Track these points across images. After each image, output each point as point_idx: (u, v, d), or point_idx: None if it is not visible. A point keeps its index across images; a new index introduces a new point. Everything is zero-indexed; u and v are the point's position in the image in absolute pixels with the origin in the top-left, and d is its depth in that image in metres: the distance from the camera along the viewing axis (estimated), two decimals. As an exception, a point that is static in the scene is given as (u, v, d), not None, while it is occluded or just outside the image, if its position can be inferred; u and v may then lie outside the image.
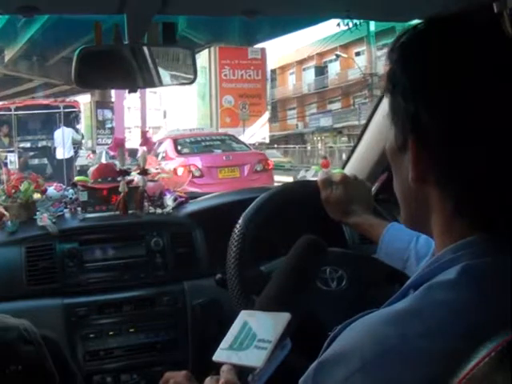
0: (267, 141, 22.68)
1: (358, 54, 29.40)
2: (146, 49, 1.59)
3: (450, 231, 0.74)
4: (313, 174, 3.61)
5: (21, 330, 1.48)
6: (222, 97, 21.31)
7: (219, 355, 0.99)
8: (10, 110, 15.92)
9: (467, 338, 0.64)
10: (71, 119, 16.07)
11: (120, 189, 2.10)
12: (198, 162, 10.04)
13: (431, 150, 0.72)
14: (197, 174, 9.71)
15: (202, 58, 20.31)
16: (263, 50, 21.92)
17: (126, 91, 1.73)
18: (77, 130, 15.97)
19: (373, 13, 1.67)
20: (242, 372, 0.95)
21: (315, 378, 0.70)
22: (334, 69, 31.27)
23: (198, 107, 22.42)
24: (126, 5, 1.39)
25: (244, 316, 1.04)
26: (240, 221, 1.57)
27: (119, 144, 2.17)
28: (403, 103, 0.74)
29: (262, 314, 1.05)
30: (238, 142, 12.04)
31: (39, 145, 16.40)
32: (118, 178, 2.14)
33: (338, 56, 28.19)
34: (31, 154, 16.00)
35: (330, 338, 0.75)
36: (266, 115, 22.20)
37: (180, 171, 9.46)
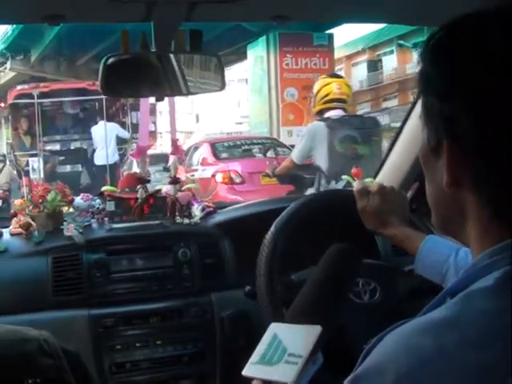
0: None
1: (415, 45, 27.16)
2: (172, 56, 1.57)
3: (488, 237, 0.71)
4: (344, 185, 3.53)
5: (41, 341, 1.46)
6: (284, 89, 17.59)
7: (249, 370, 0.96)
8: (32, 98, 11.90)
9: (499, 358, 0.61)
10: (116, 110, 12.64)
11: (138, 195, 2.08)
12: (238, 167, 9.38)
13: (467, 154, 0.69)
14: (237, 180, 9.16)
15: (259, 47, 17.44)
16: (331, 36, 18.18)
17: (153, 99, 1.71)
18: (124, 126, 12.03)
19: (404, 17, 1.63)
20: None
21: None
22: (389, 63, 28.03)
23: (252, 104, 18.71)
24: (152, 13, 1.38)
25: (274, 329, 1.01)
26: (271, 229, 1.55)
27: (142, 152, 2.15)
28: (438, 104, 0.71)
29: (292, 326, 1.02)
30: (281, 145, 11.15)
31: (71, 146, 13.06)
32: (138, 186, 2.13)
33: (400, 45, 26.06)
34: (61, 158, 12.80)
35: (365, 351, 0.72)
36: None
37: (219, 177, 9.09)
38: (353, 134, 4.55)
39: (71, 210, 2.10)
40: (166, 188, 2.15)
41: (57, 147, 13.05)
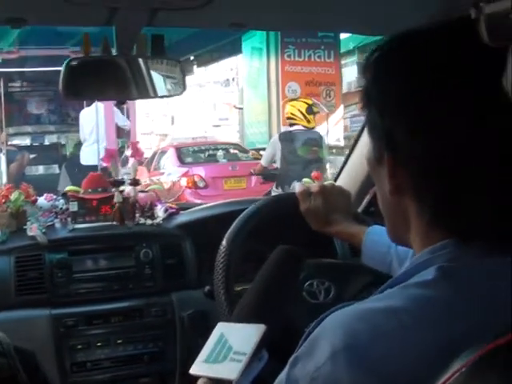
0: (342, 143, 15.80)
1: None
2: (136, 61, 1.59)
3: (429, 240, 0.74)
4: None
5: None
6: (285, 84, 15.29)
7: (196, 368, 0.98)
8: None
9: (441, 344, 0.65)
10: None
11: (115, 199, 2.09)
12: (202, 172, 9.45)
13: (406, 165, 0.73)
14: (201, 184, 9.17)
15: (257, 37, 15.16)
16: (337, 26, 16.01)
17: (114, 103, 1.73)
18: (122, 111, 8.37)
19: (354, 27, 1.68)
20: None
21: (290, 373, 0.71)
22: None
23: (247, 101, 16.45)
24: (114, 17, 1.39)
25: (221, 328, 1.03)
26: (223, 242, 1.57)
27: (111, 155, 2.17)
28: (378, 119, 0.75)
29: (238, 325, 1.04)
30: (244, 150, 11.40)
31: (46, 141, 10.21)
32: (113, 189, 2.14)
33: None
34: (31, 156, 9.61)
35: (305, 333, 0.76)
36: (341, 110, 15.61)
37: (183, 181, 9.09)
38: (313, 139, 5.98)
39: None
40: (127, 189, 2.16)
41: (26, 141, 10.11)
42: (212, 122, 24.27)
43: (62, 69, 1.45)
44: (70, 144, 10.22)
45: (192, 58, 16.41)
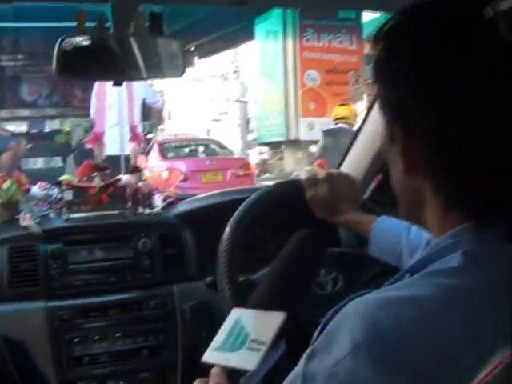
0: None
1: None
2: (133, 40, 1.53)
3: (446, 221, 0.72)
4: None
5: None
6: (304, 72, 13.85)
7: (209, 356, 0.92)
8: None
9: (470, 336, 0.62)
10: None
11: (95, 183, 2.03)
12: (182, 166, 9.85)
13: (418, 138, 0.70)
14: (181, 177, 9.85)
15: (272, 20, 14.00)
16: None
17: (109, 84, 1.66)
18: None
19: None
20: (232, 374, 0.89)
21: (306, 368, 0.66)
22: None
23: (261, 90, 15.10)
24: (111, -7, 1.33)
25: (236, 314, 0.98)
26: (227, 229, 1.51)
27: (98, 138, 2.10)
28: (387, 91, 0.74)
29: (256, 312, 0.98)
30: (222, 146, 12.25)
31: (46, 128, 8.43)
32: (94, 174, 2.07)
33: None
34: (29, 146, 8.00)
35: (321, 324, 0.72)
36: (365, 100, 13.47)
37: (165, 175, 9.54)
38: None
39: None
40: (126, 177, 2.10)
41: (22, 128, 8.35)
42: (211, 116, 24.26)
43: (55, 47, 1.39)
44: (77, 131, 8.39)
45: (193, 48, 15.48)
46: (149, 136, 7.18)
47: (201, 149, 11.55)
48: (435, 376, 0.60)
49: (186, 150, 11.56)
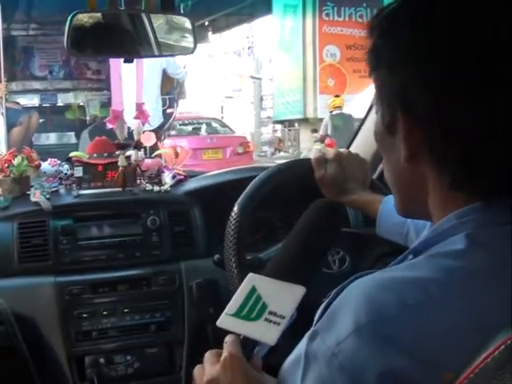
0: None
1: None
2: (144, 16, 1.52)
3: (449, 205, 0.71)
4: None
5: None
6: (323, 47, 13.40)
7: (225, 322, 0.89)
8: None
9: (474, 317, 0.62)
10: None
11: (119, 163, 2.03)
12: (184, 143, 9.91)
13: (422, 125, 0.69)
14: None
15: None
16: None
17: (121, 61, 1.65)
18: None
19: None
20: (244, 343, 0.86)
21: (308, 347, 0.67)
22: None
23: (279, 66, 14.68)
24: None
25: (252, 280, 0.93)
26: (235, 209, 1.50)
27: (118, 116, 2.09)
28: (389, 77, 0.72)
29: (274, 282, 0.93)
30: (224, 125, 12.72)
31: (59, 101, 7.85)
32: (117, 152, 2.08)
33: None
34: (40, 121, 7.30)
35: (324, 304, 0.72)
36: None
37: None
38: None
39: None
40: (128, 153, 2.09)
41: (34, 101, 7.80)
42: (224, 93, 24.01)
43: (66, 23, 1.38)
44: (92, 105, 7.98)
45: (207, 23, 15.00)
46: (169, 111, 6.59)
47: (203, 127, 11.93)
48: (438, 357, 0.60)
49: (189, 128, 12.09)
